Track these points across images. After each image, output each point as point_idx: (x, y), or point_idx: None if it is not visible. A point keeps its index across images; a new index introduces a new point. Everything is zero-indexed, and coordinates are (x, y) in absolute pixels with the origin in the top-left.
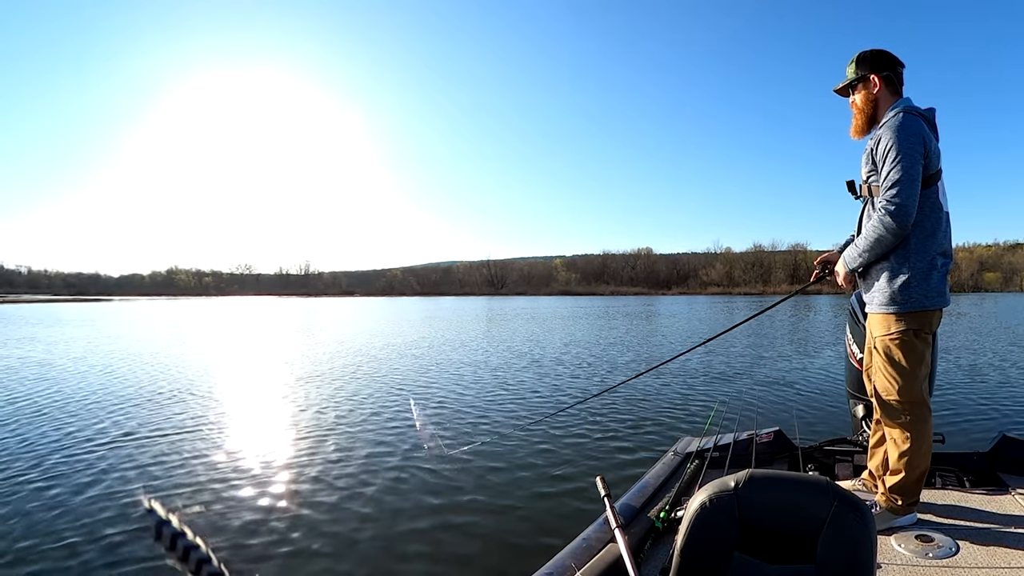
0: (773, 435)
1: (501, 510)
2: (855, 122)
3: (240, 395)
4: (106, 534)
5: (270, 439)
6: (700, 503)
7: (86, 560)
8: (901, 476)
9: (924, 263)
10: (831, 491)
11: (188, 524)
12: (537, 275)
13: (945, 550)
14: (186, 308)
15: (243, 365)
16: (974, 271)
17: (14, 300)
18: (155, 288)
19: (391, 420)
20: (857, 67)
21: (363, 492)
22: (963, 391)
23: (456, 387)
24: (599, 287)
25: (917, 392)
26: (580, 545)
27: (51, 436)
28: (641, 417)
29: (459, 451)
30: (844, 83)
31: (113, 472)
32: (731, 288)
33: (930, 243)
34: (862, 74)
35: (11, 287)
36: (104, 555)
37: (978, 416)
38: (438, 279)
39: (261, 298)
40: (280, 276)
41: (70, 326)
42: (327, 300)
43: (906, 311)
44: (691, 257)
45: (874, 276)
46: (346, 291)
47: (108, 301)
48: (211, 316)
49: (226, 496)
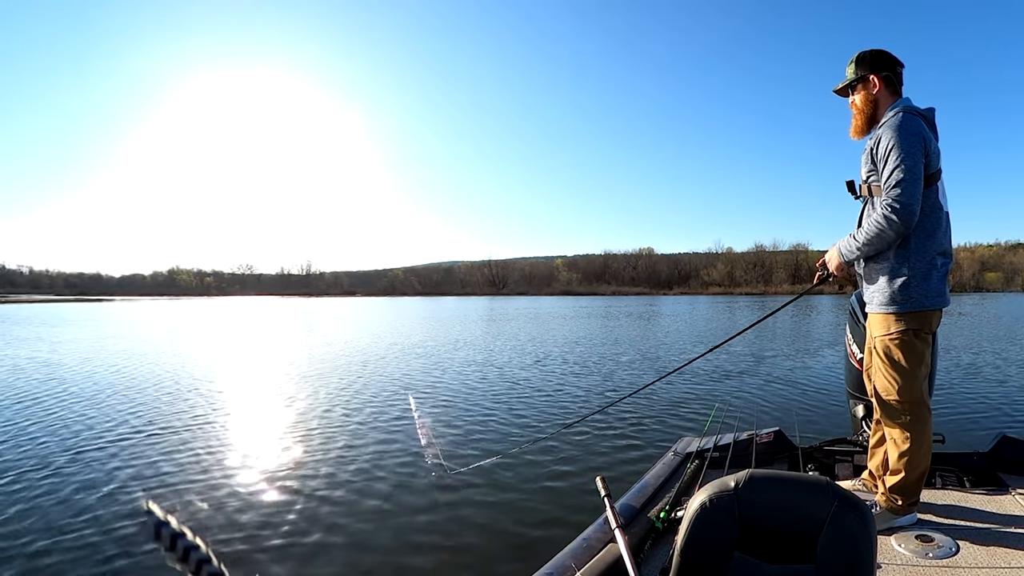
0: (773, 435)
1: (500, 510)
2: (855, 122)
3: (243, 396)
4: (110, 531)
5: (272, 441)
6: (700, 503)
7: (96, 558)
8: (901, 476)
9: (924, 263)
10: (831, 491)
11: (188, 524)
12: (538, 275)
13: (945, 550)
14: (188, 308)
15: (246, 365)
16: (976, 271)
17: (15, 300)
18: (156, 288)
19: (391, 419)
20: (856, 67)
21: (362, 491)
22: (963, 391)
23: (456, 387)
24: (600, 287)
25: (917, 392)
26: (580, 545)
27: (61, 434)
28: (641, 417)
29: (459, 450)
30: (844, 83)
31: (118, 471)
32: (732, 288)
33: (930, 243)
34: (861, 74)
35: (13, 287)
36: (108, 551)
37: (978, 416)
38: (439, 279)
39: (263, 298)
40: (282, 276)
41: (74, 326)
42: (329, 300)
43: (906, 311)
44: (692, 257)
45: (874, 276)
46: (348, 291)
47: (110, 301)
48: (213, 316)
49: (227, 497)
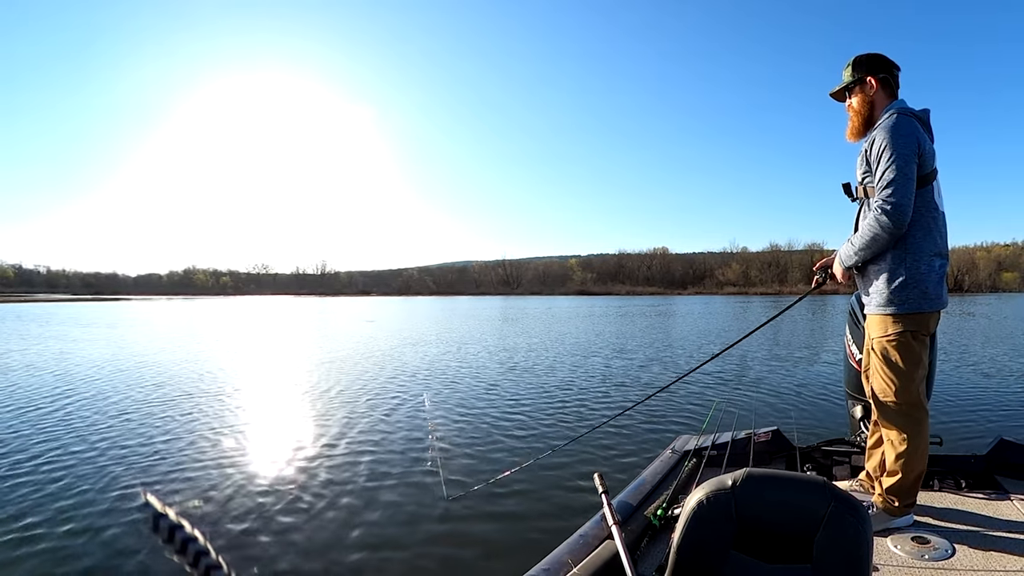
0: (771, 435)
1: (498, 507)
2: (851, 124)
3: (261, 393)
4: (110, 523)
5: (281, 436)
6: (697, 501)
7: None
8: (898, 477)
9: (921, 265)
10: (828, 491)
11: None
12: (552, 275)
13: (941, 552)
14: (206, 308)
15: (270, 363)
16: (992, 271)
17: (30, 299)
18: (172, 288)
19: (396, 419)
20: (854, 70)
21: (362, 489)
22: (962, 393)
23: (468, 385)
24: (615, 287)
25: (914, 394)
26: (577, 541)
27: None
28: (640, 415)
29: (459, 450)
30: (840, 87)
31: (138, 464)
32: (747, 288)
33: (926, 244)
34: (858, 77)
35: (30, 287)
36: (110, 548)
37: (976, 419)
38: (454, 279)
39: (278, 297)
40: (297, 276)
41: (103, 327)
42: (344, 300)
43: (903, 313)
44: (707, 257)
45: (872, 277)
46: (362, 291)
47: (127, 301)
48: (232, 316)
49: (229, 489)
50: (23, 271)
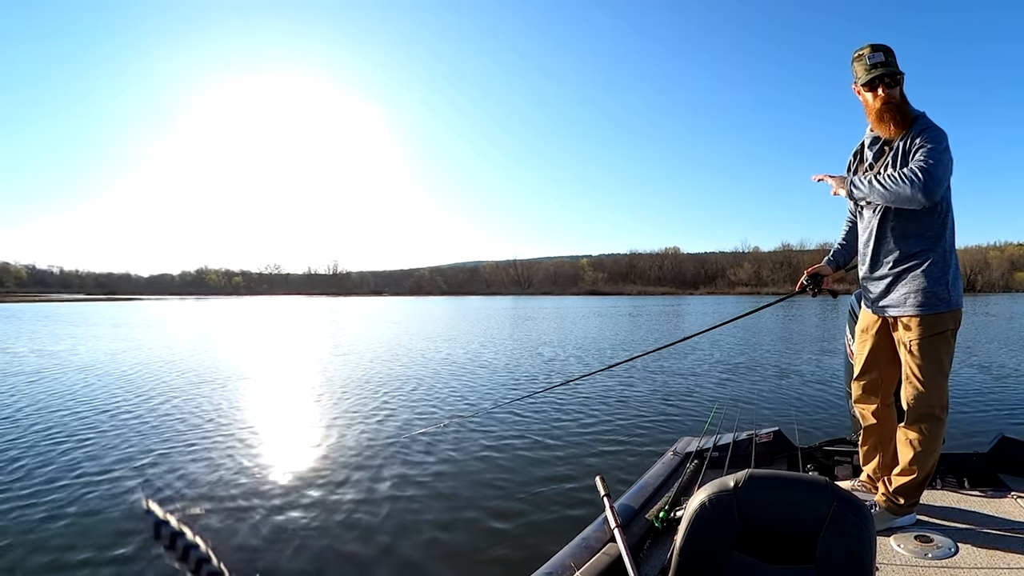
0: (772, 435)
1: (500, 509)
2: (893, 115)
3: (272, 392)
4: (110, 525)
5: (287, 439)
6: (699, 503)
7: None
8: (911, 477)
9: (956, 263)
10: (830, 491)
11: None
12: (563, 275)
13: (944, 551)
14: (219, 308)
15: (285, 362)
16: (1005, 271)
17: (45, 299)
18: (185, 288)
19: (400, 419)
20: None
21: (363, 489)
22: (964, 391)
23: (465, 380)
24: (626, 287)
25: (946, 394)
26: (579, 545)
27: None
28: (641, 417)
29: (460, 448)
30: (896, 70)
31: (153, 466)
32: (759, 288)
33: (954, 245)
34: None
35: (44, 287)
36: (103, 543)
37: (977, 416)
38: (465, 279)
39: (290, 298)
40: (309, 276)
41: (125, 327)
42: (356, 300)
43: (952, 309)
44: (719, 256)
45: (908, 276)
46: (374, 291)
47: (140, 300)
48: (248, 316)
49: (231, 496)
50: (36, 271)
